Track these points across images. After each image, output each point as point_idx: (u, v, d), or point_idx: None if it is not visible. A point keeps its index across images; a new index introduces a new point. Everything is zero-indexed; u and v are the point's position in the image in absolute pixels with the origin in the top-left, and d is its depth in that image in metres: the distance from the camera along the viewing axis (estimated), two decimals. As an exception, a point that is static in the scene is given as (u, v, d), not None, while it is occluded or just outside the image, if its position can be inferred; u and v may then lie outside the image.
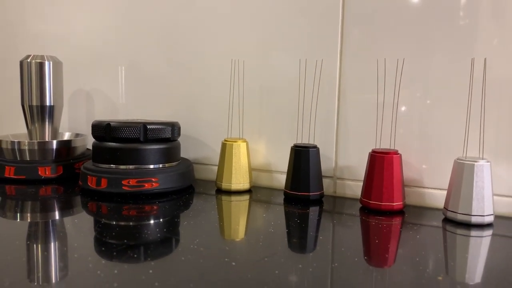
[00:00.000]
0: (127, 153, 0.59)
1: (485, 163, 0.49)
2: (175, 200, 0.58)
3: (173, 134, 0.63)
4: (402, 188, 0.54)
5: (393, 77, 0.58)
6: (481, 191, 0.49)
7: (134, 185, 0.57)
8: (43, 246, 0.40)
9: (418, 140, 0.58)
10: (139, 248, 0.40)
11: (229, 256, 0.38)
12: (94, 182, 0.58)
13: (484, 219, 0.49)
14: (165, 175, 0.59)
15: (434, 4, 0.56)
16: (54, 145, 0.68)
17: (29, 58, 0.70)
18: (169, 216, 0.51)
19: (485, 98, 0.53)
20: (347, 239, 0.45)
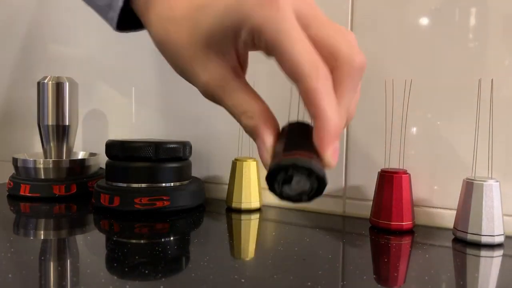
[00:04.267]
0: (139, 172, 0.60)
1: (494, 182, 0.49)
2: (186, 218, 0.58)
3: (185, 153, 0.64)
4: (411, 207, 0.54)
5: (401, 98, 0.58)
6: (491, 211, 0.49)
7: (146, 203, 0.58)
8: (57, 262, 0.41)
9: (427, 160, 0.58)
10: (150, 265, 0.40)
11: (238, 274, 0.38)
12: (107, 200, 0.59)
13: (494, 239, 0.49)
14: (176, 193, 0.60)
15: (443, 25, 0.57)
16: (69, 164, 0.69)
17: (46, 79, 0.72)
18: (180, 234, 0.52)
19: (493, 118, 0.53)
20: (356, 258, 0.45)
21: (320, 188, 0.27)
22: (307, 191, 0.27)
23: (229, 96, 0.30)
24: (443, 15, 0.57)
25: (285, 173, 0.26)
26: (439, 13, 0.57)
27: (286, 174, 0.26)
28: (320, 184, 0.26)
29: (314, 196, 0.27)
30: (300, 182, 0.26)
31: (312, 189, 0.27)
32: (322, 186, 0.26)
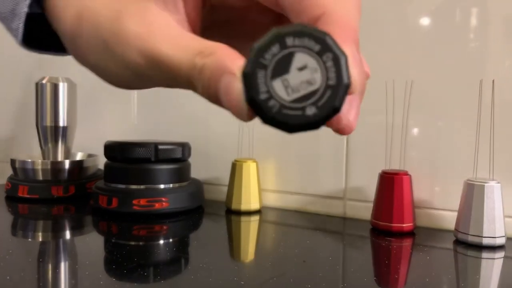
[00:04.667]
0: (138, 173, 0.60)
1: (496, 184, 0.49)
2: (185, 220, 0.58)
3: (184, 154, 0.64)
4: (412, 209, 0.54)
5: (402, 99, 0.58)
6: (492, 212, 0.48)
7: (145, 204, 0.58)
8: (55, 263, 0.40)
9: (428, 161, 0.58)
10: (149, 267, 0.40)
11: (238, 276, 0.38)
12: (105, 201, 0.59)
13: (496, 240, 0.48)
14: (175, 195, 0.60)
15: (444, 25, 0.57)
16: (67, 165, 0.69)
17: (45, 80, 0.72)
18: (178, 236, 0.51)
19: (494, 119, 0.53)
20: (357, 260, 0.45)
21: (340, 88, 0.17)
22: (318, 91, 0.17)
23: (173, 41, 0.22)
24: (443, 15, 0.56)
25: (281, 46, 0.17)
26: (440, 13, 0.57)
27: (282, 49, 0.17)
28: (341, 78, 0.17)
29: (326, 105, 0.17)
30: (306, 68, 0.17)
31: (327, 88, 0.17)
32: (343, 83, 0.17)
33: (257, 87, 0.17)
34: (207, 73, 0.20)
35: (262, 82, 0.17)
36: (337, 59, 0.17)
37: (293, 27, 0.17)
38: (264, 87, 0.17)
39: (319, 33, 0.17)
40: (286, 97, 0.17)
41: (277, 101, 0.17)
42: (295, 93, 0.17)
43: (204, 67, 0.20)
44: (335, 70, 0.17)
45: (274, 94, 0.17)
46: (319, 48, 0.17)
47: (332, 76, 0.17)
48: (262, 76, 0.17)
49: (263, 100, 0.17)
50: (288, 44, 0.17)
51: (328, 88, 0.17)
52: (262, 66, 0.17)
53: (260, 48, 0.17)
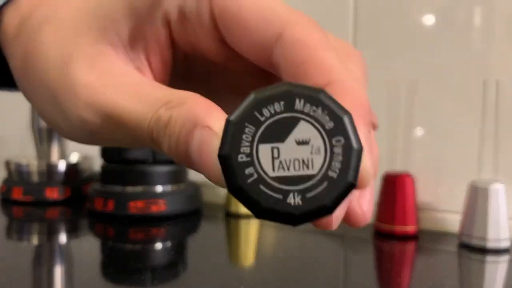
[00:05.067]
0: (135, 175, 0.59)
1: (500, 186, 0.48)
2: (182, 223, 0.58)
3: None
4: (415, 211, 0.53)
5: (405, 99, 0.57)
6: (497, 215, 0.48)
7: (142, 207, 0.57)
8: (50, 268, 0.40)
9: (432, 163, 0.57)
10: (146, 271, 0.39)
11: (237, 281, 0.38)
12: (101, 204, 0.58)
13: (500, 244, 0.48)
14: (173, 197, 0.59)
15: (448, 25, 0.56)
16: (62, 166, 0.68)
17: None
18: (176, 239, 0.51)
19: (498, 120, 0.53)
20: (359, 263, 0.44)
21: (341, 185, 0.13)
22: (312, 178, 0.13)
23: (132, 90, 0.18)
24: (447, 14, 0.56)
25: (286, 107, 0.14)
26: (444, 12, 0.56)
27: (287, 110, 0.14)
28: (346, 174, 0.13)
29: (316, 201, 0.13)
30: (307, 145, 0.13)
31: (325, 179, 0.13)
32: (346, 180, 0.13)
33: (238, 144, 0.13)
34: (175, 127, 0.16)
35: (247, 140, 0.13)
36: (350, 149, 0.13)
37: (309, 90, 0.13)
38: (247, 148, 0.13)
39: (339, 109, 0.13)
40: (270, 171, 0.13)
41: (256, 171, 0.13)
42: (283, 170, 0.13)
43: (171, 120, 0.16)
44: (342, 161, 0.13)
45: (255, 161, 0.13)
46: (331, 127, 0.13)
47: (336, 166, 0.13)
48: (250, 133, 0.13)
49: (239, 163, 0.13)
50: (296, 107, 0.13)
51: (325, 180, 0.13)
52: (254, 121, 0.13)
53: (260, 98, 0.14)
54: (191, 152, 0.16)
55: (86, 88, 0.18)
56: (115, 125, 0.18)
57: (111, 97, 0.17)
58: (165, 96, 0.17)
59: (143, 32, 0.19)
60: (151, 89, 0.18)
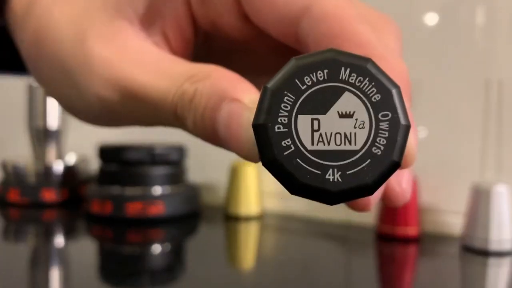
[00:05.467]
0: (133, 176, 0.59)
1: (503, 187, 0.48)
2: (181, 225, 0.57)
3: (181, 157, 0.63)
4: (417, 213, 0.53)
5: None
6: (499, 217, 0.47)
7: (140, 209, 0.57)
8: (47, 270, 0.40)
9: (434, 164, 0.57)
10: (144, 274, 0.39)
11: (237, 284, 0.37)
12: (99, 205, 0.58)
13: (503, 246, 0.47)
14: (171, 199, 0.59)
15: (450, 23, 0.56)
16: (60, 168, 0.68)
17: (37, 81, 0.70)
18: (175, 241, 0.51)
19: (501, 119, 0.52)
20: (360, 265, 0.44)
21: (385, 163, 0.12)
22: (354, 154, 0.12)
23: (153, 66, 0.17)
24: (450, 13, 0.56)
25: (330, 75, 0.12)
26: (446, 11, 0.56)
27: (331, 79, 0.12)
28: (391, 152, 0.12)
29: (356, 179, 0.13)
30: (350, 118, 0.12)
31: (368, 156, 0.12)
32: (390, 159, 0.12)
33: (276, 113, 0.12)
34: (201, 101, 0.15)
35: (285, 110, 0.12)
36: (397, 125, 0.12)
37: (356, 58, 0.12)
38: (285, 118, 0.12)
39: (388, 81, 0.12)
40: (309, 144, 0.12)
41: (293, 143, 0.12)
42: (323, 144, 0.12)
43: (197, 94, 0.15)
44: (388, 137, 0.12)
45: (294, 133, 0.12)
46: (378, 100, 0.12)
47: (381, 143, 0.12)
48: (289, 102, 0.12)
49: (276, 134, 0.12)
50: (341, 76, 0.12)
51: (369, 157, 0.12)
52: (294, 90, 0.12)
53: (302, 65, 0.12)
54: (219, 125, 0.15)
55: (103, 64, 0.17)
56: (135, 101, 0.17)
57: (130, 72, 0.17)
58: (189, 70, 0.16)
59: (161, 8, 0.18)
60: (173, 63, 0.17)
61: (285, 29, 0.17)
